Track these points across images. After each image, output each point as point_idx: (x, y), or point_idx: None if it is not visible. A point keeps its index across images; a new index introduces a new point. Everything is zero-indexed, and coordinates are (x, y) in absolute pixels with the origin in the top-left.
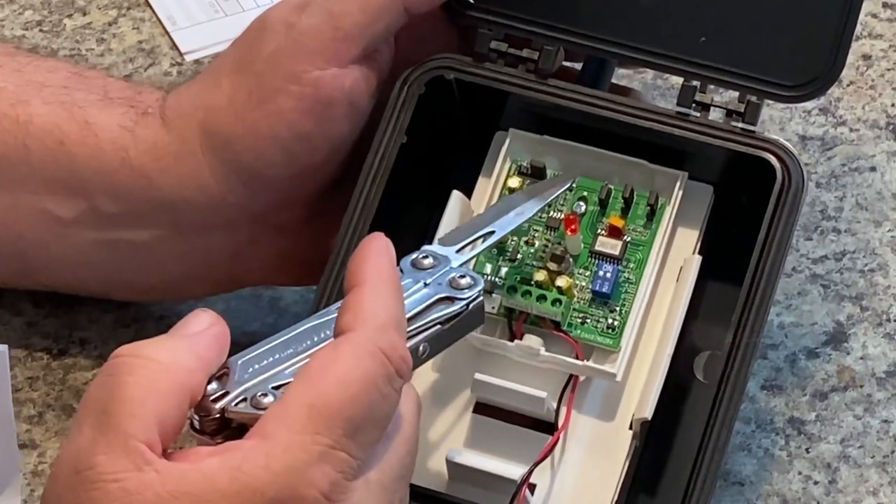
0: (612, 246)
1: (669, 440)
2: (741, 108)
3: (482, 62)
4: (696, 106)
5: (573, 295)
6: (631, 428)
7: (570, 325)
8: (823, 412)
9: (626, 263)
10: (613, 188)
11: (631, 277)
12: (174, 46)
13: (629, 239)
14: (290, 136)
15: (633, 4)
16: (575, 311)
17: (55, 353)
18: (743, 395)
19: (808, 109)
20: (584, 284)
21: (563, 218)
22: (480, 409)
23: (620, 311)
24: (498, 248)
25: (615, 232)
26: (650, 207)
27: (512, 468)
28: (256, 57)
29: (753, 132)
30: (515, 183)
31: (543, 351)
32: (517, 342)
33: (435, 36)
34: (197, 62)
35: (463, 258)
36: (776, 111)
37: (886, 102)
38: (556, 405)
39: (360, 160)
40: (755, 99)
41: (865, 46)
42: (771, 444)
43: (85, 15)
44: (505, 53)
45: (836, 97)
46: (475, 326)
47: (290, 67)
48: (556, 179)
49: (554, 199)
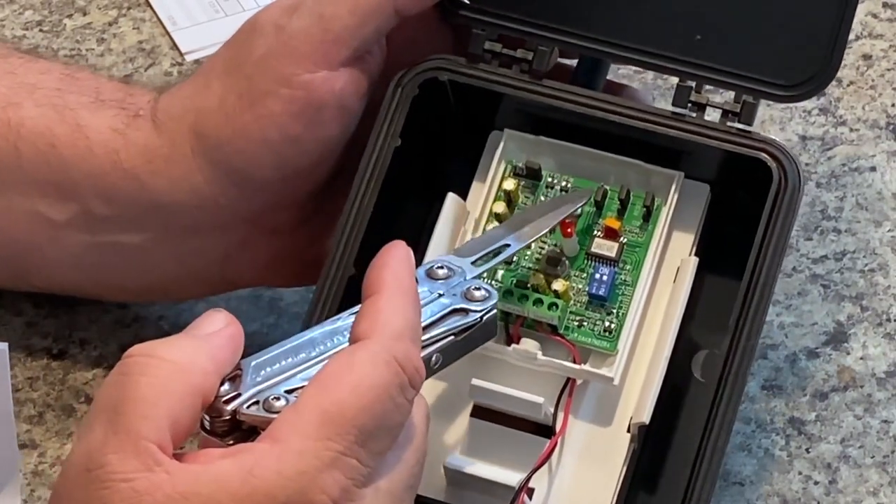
0: (608, 248)
1: (668, 441)
2: (737, 108)
3: (476, 63)
4: (691, 106)
5: (569, 298)
6: (629, 431)
7: (566, 328)
8: (823, 412)
9: (622, 265)
10: (609, 189)
11: (627, 279)
12: (174, 46)
13: (625, 240)
14: (280, 138)
15: (627, 4)
16: (571, 314)
17: (55, 353)
18: (742, 395)
19: (808, 109)
20: (580, 287)
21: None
22: (478, 413)
23: (617, 313)
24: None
25: (611, 233)
26: (646, 208)
27: (510, 473)
28: (247, 59)
29: (750, 132)
30: (510, 184)
31: (540, 355)
32: (514, 346)
33: (428, 37)
34: (197, 62)
35: (478, 270)
36: (776, 111)
37: (886, 102)
38: (553, 409)
39: (352, 162)
40: (751, 99)
41: (865, 46)
42: (771, 444)
43: (85, 15)
44: (499, 54)
45: (836, 97)
46: (488, 339)
47: (280, 70)
48: (572, 194)
49: (570, 214)
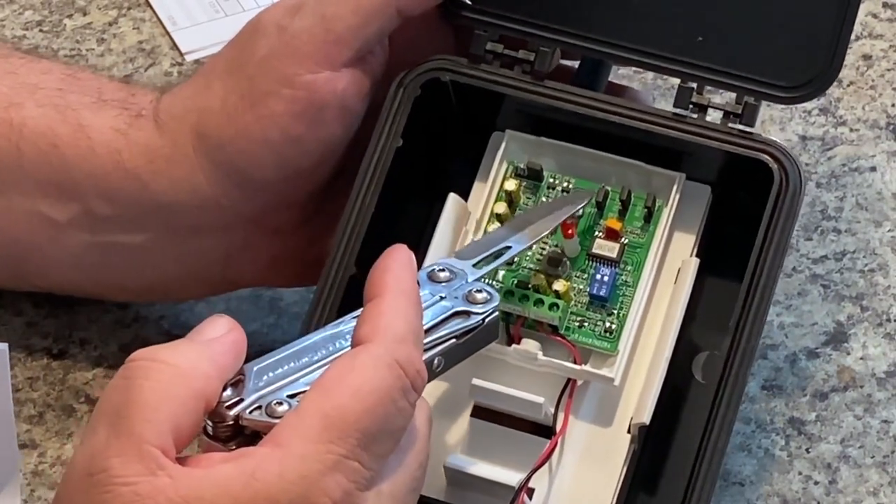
0: (609, 249)
1: (669, 441)
2: (738, 109)
3: (478, 64)
4: (693, 107)
5: (570, 298)
6: (629, 432)
7: (567, 328)
8: (823, 412)
9: (623, 266)
10: (610, 190)
11: (628, 280)
12: (174, 46)
13: (626, 241)
14: (282, 139)
15: (629, 5)
16: (572, 314)
17: (55, 353)
18: (742, 396)
19: (808, 109)
20: (581, 288)
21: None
22: (478, 413)
23: (618, 314)
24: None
25: (612, 234)
26: (647, 209)
27: (510, 473)
28: (249, 60)
29: (751, 134)
30: (512, 185)
31: (541, 355)
32: (515, 346)
33: (430, 38)
34: (197, 62)
35: (479, 273)
36: (776, 111)
37: (886, 102)
38: (553, 410)
39: (354, 163)
40: (752, 100)
41: (865, 46)
42: (771, 444)
43: (85, 15)
44: (501, 55)
45: (836, 97)
46: (490, 341)
47: (282, 70)
48: (573, 195)
49: (571, 215)
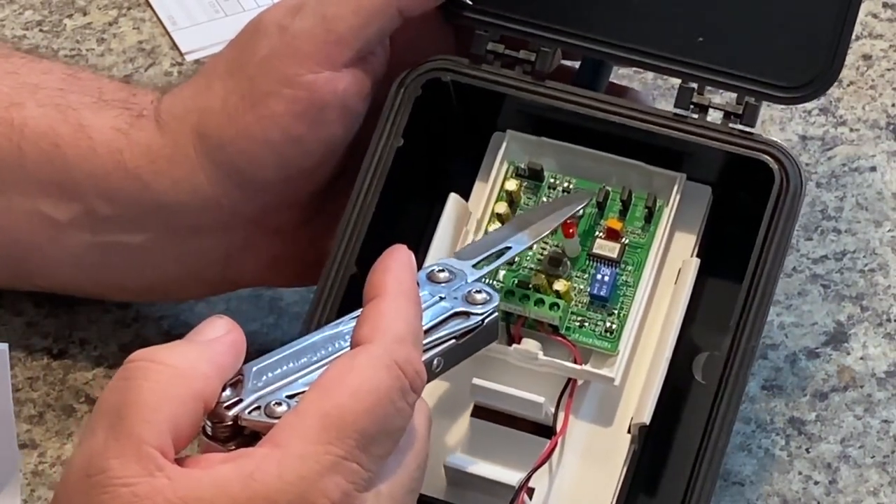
0: (609, 249)
1: (669, 441)
2: (739, 109)
3: (479, 64)
4: (693, 108)
5: (571, 298)
6: (629, 432)
7: (567, 328)
8: (823, 412)
9: (624, 266)
10: (611, 190)
11: (629, 280)
12: (174, 46)
13: (627, 241)
14: (282, 139)
15: (630, 5)
16: (573, 314)
17: (55, 353)
18: (742, 396)
19: (808, 109)
20: (581, 288)
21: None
22: (478, 412)
23: (618, 314)
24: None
25: (613, 234)
26: (648, 209)
27: (510, 473)
28: (250, 60)
29: (752, 134)
30: (513, 185)
31: (541, 355)
32: (515, 346)
33: (431, 38)
34: (197, 62)
35: (479, 273)
36: (776, 111)
37: (886, 102)
38: (554, 409)
39: (354, 163)
40: (753, 101)
41: (865, 46)
42: (771, 444)
43: (85, 15)
44: (502, 55)
45: (836, 97)
46: (489, 342)
47: (283, 71)
48: (574, 195)
49: (571, 216)
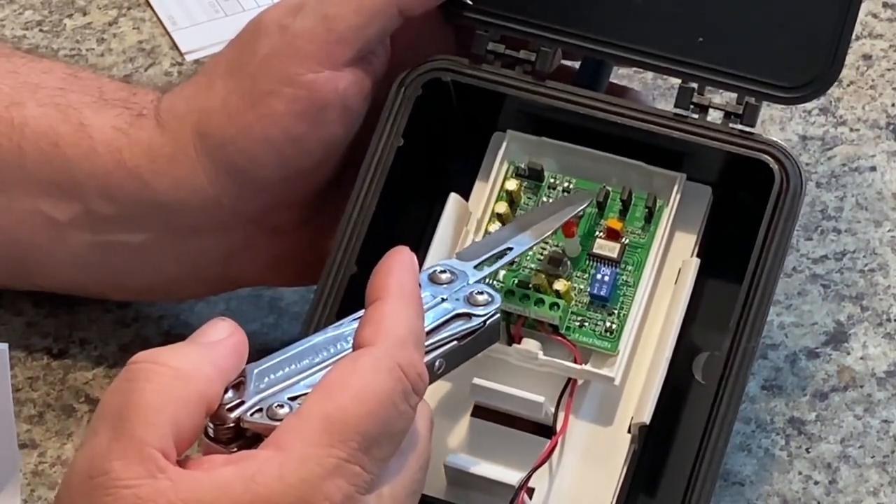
0: (610, 249)
1: (669, 441)
2: (739, 109)
3: (479, 64)
4: (694, 108)
5: (571, 298)
6: (629, 432)
7: (568, 328)
8: (823, 412)
9: (624, 266)
10: (611, 190)
11: (629, 280)
12: (174, 46)
13: (627, 241)
14: (283, 138)
15: (630, 5)
16: (573, 314)
17: (55, 353)
18: (742, 396)
19: (808, 109)
20: (581, 288)
21: None
22: (479, 412)
23: (619, 314)
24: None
25: (613, 234)
26: (648, 209)
27: (510, 473)
28: (250, 59)
29: (752, 134)
30: (513, 185)
31: (541, 355)
32: (515, 346)
33: (431, 38)
34: (197, 62)
35: (480, 274)
36: (776, 111)
37: (886, 102)
38: (554, 409)
39: (355, 162)
40: (753, 101)
41: (865, 46)
42: (771, 444)
43: (85, 15)
44: (502, 55)
45: (836, 97)
46: (491, 343)
47: (283, 70)
48: (574, 195)
49: (573, 216)
